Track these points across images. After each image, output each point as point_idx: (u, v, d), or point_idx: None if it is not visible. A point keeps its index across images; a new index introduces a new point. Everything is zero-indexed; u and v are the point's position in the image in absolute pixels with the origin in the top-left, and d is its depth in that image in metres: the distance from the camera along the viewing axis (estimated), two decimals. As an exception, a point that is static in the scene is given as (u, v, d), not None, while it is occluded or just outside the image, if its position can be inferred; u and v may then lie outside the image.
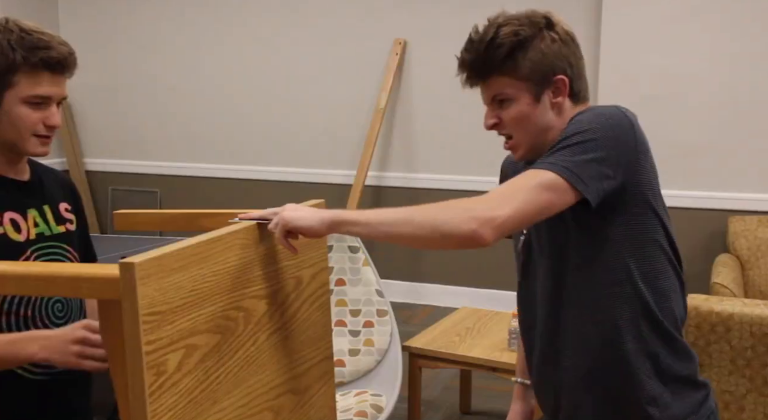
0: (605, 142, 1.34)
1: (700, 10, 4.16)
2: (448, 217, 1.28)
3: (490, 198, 1.30)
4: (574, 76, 1.46)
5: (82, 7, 5.75)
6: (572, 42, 1.47)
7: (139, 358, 1.07)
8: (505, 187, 1.33)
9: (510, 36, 1.41)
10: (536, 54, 1.42)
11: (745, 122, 4.16)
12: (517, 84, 1.43)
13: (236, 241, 1.33)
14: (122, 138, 5.79)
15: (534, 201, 1.30)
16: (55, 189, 1.70)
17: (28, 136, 1.53)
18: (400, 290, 5.11)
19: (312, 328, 1.63)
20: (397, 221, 1.31)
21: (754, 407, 2.60)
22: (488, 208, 1.27)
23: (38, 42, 1.48)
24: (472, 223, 1.26)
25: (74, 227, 1.70)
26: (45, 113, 1.53)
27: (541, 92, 1.44)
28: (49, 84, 1.51)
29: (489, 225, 1.26)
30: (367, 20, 5.01)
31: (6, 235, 1.52)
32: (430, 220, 1.29)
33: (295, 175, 5.33)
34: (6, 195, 1.56)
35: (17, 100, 1.49)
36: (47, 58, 1.48)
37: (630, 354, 1.43)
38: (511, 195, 1.30)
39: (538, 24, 1.44)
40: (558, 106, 1.46)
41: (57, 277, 1.19)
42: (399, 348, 3.05)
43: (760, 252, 3.87)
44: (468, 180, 4.85)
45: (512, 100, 1.44)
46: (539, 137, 1.46)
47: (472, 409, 3.48)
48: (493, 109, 1.48)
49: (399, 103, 5.02)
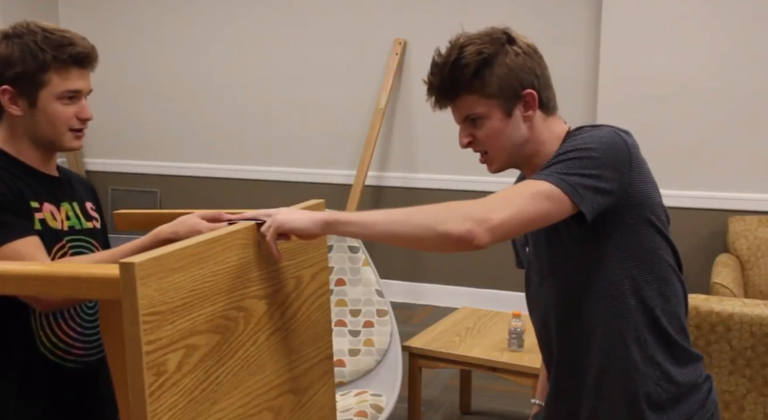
0: (601, 159, 1.36)
1: (700, 10, 4.16)
2: (444, 217, 1.29)
3: (487, 201, 1.32)
4: (541, 87, 1.48)
5: (82, 6, 5.75)
6: (535, 53, 1.49)
7: (139, 358, 1.07)
8: (503, 193, 1.35)
9: (474, 55, 1.44)
10: (502, 69, 1.44)
11: (746, 122, 4.16)
12: (487, 101, 1.45)
13: (236, 241, 1.33)
14: (122, 138, 5.79)
15: (531, 208, 1.31)
16: (80, 189, 1.77)
17: (65, 131, 1.60)
18: (400, 290, 5.11)
19: (312, 328, 1.63)
20: (393, 221, 1.32)
21: (754, 407, 2.60)
22: (485, 210, 1.29)
23: (63, 39, 1.56)
24: (468, 223, 1.27)
25: (99, 225, 1.76)
26: (77, 107, 1.60)
27: (511, 107, 1.46)
28: (77, 78, 1.59)
29: (484, 226, 1.27)
30: (367, 20, 5.00)
31: (46, 221, 1.59)
32: (425, 220, 1.30)
33: (295, 175, 5.33)
34: (43, 187, 1.62)
35: (52, 98, 1.56)
36: (75, 53, 1.56)
37: (637, 363, 1.45)
38: (508, 200, 1.32)
39: (500, 40, 1.46)
40: (529, 119, 1.48)
41: (57, 277, 1.19)
42: (399, 348, 3.05)
43: (760, 252, 3.87)
44: (468, 180, 4.85)
45: (484, 117, 1.47)
46: (514, 151, 1.49)
47: (472, 409, 3.48)
48: (465, 128, 1.51)
49: (399, 103, 5.02)
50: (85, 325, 1.63)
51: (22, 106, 1.56)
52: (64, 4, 5.81)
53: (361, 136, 5.06)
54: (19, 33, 1.55)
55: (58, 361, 1.59)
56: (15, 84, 1.55)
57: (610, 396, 1.49)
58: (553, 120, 1.52)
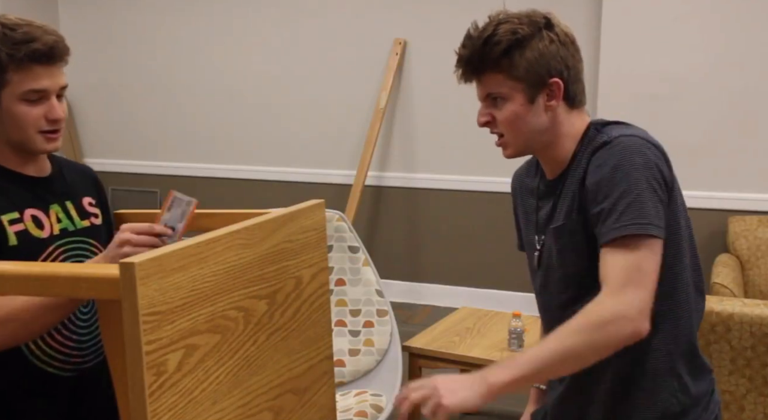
0: (649, 189, 1.35)
1: (700, 10, 4.16)
2: (604, 334, 1.28)
3: (617, 293, 1.30)
4: (570, 79, 1.45)
5: (82, 6, 5.75)
6: (571, 44, 1.46)
7: (139, 358, 1.07)
8: (619, 276, 1.31)
9: (508, 34, 1.41)
10: (533, 53, 1.41)
11: (745, 122, 4.16)
12: (512, 83, 1.43)
13: (236, 241, 1.33)
14: (122, 138, 5.79)
15: (649, 269, 1.31)
16: (77, 183, 1.67)
17: (33, 134, 1.49)
18: (400, 290, 5.11)
19: (312, 328, 1.62)
20: (555, 363, 1.29)
21: (754, 407, 2.60)
22: (627, 305, 1.28)
23: (23, 36, 1.44)
24: (628, 326, 1.28)
25: (100, 221, 1.67)
26: (45, 107, 1.48)
27: (535, 94, 1.43)
28: (41, 76, 1.46)
29: (641, 316, 1.28)
30: (367, 20, 5.00)
31: (27, 231, 1.50)
32: (588, 347, 1.29)
33: (295, 175, 5.33)
34: (26, 192, 1.54)
35: (14, 98, 1.46)
36: (33, 50, 1.43)
37: (660, 372, 1.45)
38: (629, 279, 1.30)
39: (538, 24, 1.43)
40: (551, 109, 1.45)
41: (56, 277, 1.19)
42: (399, 348, 3.04)
43: (760, 252, 3.87)
44: (468, 180, 4.85)
45: (506, 99, 1.44)
46: (530, 139, 1.47)
47: (472, 409, 3.48)
48: (486, 106, 1.48)
49: (399, 103, 5.02)
50: (81, 332, 1.59)
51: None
52: (64, 4, 5.81)
53: (361, 136, 5.06)
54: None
55: (56, 372, 1.54)
56: None
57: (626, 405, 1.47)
58: (577, 114, 1.49)
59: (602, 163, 1.38)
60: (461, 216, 4.92)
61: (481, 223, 4.86)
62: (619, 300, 1.29)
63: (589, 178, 1.40)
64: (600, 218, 1.36)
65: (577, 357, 1.30)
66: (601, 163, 1.38)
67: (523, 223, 1.66)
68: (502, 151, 1.52)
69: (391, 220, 5.14)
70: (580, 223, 1.43)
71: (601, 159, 1.39)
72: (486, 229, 4.84)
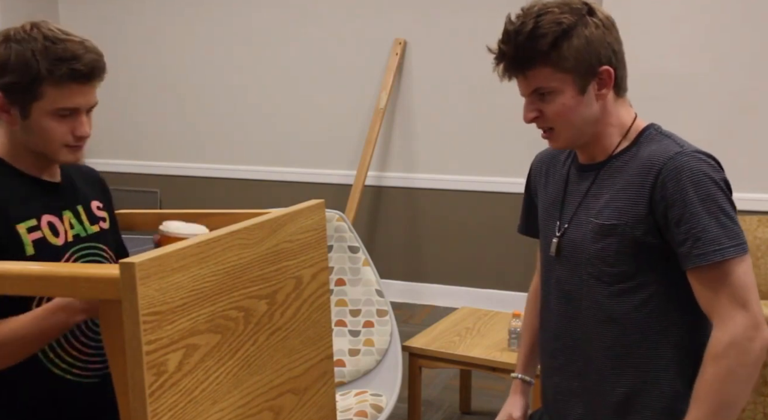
0: (729, 204, 1.36)
1: (700, 10, 4.16)
2: (744, 367, 1.30)
3: (731, 318, 1.31)
4: (618, 65, 1.41)
5: (82, 6, 5.75)
6: (613, 27, 1.41)
7: (139, 358, 1.07)
8: (727, 298, 1.32)
9: (553, 25, 1.34)
10: (581, 42, 1.35)
11: (745, 122, 4.16)
12: (561, 76, 1.37)
13: (236, 241, 1.33)
14: (122, 138, 5.80)
15: (749, 282, 1.32)
16: (86, 188, 1.67)
17: (58, 147, 1.48)
18: (400, 290, 5.11)
19: (312, 328, 1.62)
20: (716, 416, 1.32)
21: (754, 407, 2.60)
22: (745, 326, 1.30)
23: (64, 52, 1.41)
24: (756, 345, 1.30)
25: (107, 225, 1.67)
26: (73, 123, 1.48)
27: (586, 84, 1.38)
28: (76, 94, 1.45)
29: (762, 332, 1.31)
30: (367, 20, 5.00)
31: (45, 239, 1.49)
32: (736, 390, 1.32)
33: (295, 175, 5.33)
34: (43, 197, 1.53)
35: (44, 113, 1.44)
36: (72, 70, 1.42)
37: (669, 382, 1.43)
38: (736, 298, 1.32)
39: (580, 10, 1.37)
40: (602, 98, 1.41)
41: (57, 277, 1.19)
42: (399, 348, 3.04)
43: (760, 252, 3.87)
44: (468, 180, 4.85)
45: (555, 92, 1.38)
46: (581, 130, 1.42)
47: (472, 409, 3.48)
48: (532, 102, 1.42)
49: (399, 103, 5.01)
50: (98, 338, 1.56)
51: (14, 115, 1.46)
52: (64, 3, 5.81)
53: (361, 136, 5.06)
54: (19, 38, 1.42)
55: (76, 379, 1.53)
56: (7, 92, 1.44)
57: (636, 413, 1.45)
58: (623, 103, 1.46)
59: (682, 179, 1.35)
60: (461, 216, 4.92)
61: (481, 223, 4.86)
62: (737, 327, 1.31)
63: (668, 191, 1.35)
64: (688, 241, 1.33)
65: (735, 404, 1.33)
66: (681, 179, 1.35)
67: (543, 208, 1.60)
68: (551, 142, 1.47)
69: (391, 220, 5.14)
70: (639, 230, 1.39)
71: (681, 174, 1.35)
72: (486, 229, 4.84)
